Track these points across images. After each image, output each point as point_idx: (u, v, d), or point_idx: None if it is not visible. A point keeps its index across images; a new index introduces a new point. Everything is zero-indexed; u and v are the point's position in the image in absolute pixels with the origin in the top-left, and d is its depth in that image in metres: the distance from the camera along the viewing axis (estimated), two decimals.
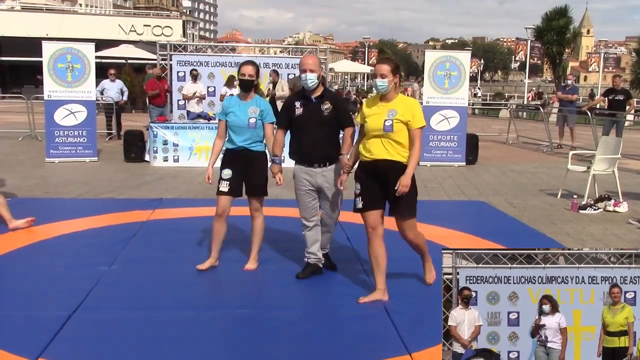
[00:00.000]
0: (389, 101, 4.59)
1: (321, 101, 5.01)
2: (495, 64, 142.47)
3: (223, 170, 5.27)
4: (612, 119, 14.17)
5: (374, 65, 4.83)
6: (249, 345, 3.97)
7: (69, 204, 8.23)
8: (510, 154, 15.15)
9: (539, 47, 37.92)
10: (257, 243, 5.45)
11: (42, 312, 4.38)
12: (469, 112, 17.33)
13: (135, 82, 24.65)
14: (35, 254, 5.83)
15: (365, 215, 4.73)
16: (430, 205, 8.53)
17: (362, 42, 52.81)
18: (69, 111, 12.05)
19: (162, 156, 11.78)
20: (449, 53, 13.31)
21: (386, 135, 4.53)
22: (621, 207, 8.36)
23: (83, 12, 54.28)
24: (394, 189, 4.54)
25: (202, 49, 18.72)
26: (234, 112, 5.19)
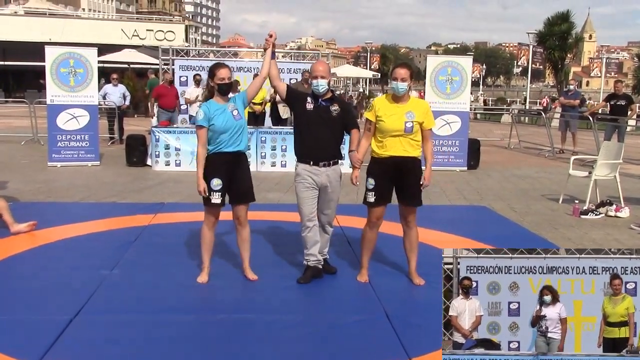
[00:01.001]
0: (404, 102, 4.96)
1: (330, 103, 5.15)
2: (498, 69, 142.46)
3: (212, 179, 5.00)
4: (613, 124, 14.17)
5: (393, 69, 5.01)
6: (248, 349, 3.98)
7: (71, 208, 8.25)
8: (512, 158, 15.15)
9: (541, 52, 37.92)
10: (249, 251, 5.34)
11: (43, 315, 4.39)
12: (471, 117, 17.35)
13: (137, 86, 24.72)
14: (37, 257, 5.85)
15: (375, 209, 5.16)
16: (432, 210, 8.54)
17: (365, 47, 52.85)
18: (72, 115, 12.09)
19: (164, 160, 11.81)
20: (451, 58, 13.32)
21: (406, 135, 4.94)
22: (623, 212, 8.35)
23: (86, 16, 54.39)
24: (409, 181, 5.08)
25: (204, 53, 18.77)
26: (217, 117, 4.96)
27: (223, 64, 5.15)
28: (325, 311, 4.66)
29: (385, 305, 4.66)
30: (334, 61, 70.20)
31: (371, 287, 5.10)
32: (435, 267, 4.94)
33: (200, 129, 4.97)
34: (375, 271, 5.47)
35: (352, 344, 4.05)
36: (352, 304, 4.74)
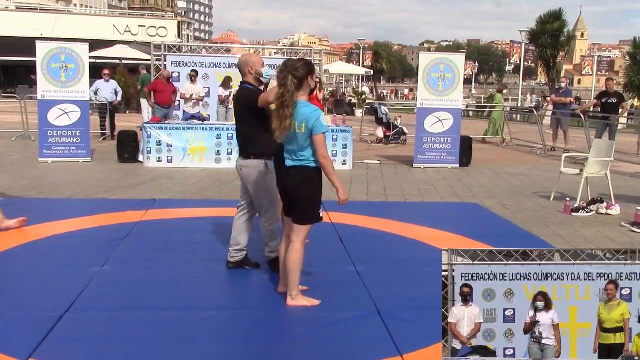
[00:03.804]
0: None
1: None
2: (490, 66, 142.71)
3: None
4: (605, 122, 14.22)
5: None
6: (240, 346, 3.97)
7: (62, 204, 8.20)
8: (504, 156, 15.19)
9: (533, 50, 37.98)
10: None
11: (33, 312, 4.37)
12: (463, 115, 17.41)
13: (129, 82, 24.60)
14: (28, 254, 5.81)
15: None
16: (424, 207, 8.56)
17: (358, 44, 52.81)
18: (63, 111, 12.01)
19: (155, 157, 11.76)
20: (443, 55, 13.31)
21: None
22: (614, 209, 8.39)
23: (78, 12, 54.12)
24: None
25: (196, 49, 18.71)
26: None
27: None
28: (317, 308, 4.65)
29: (376, 302, 4.66)
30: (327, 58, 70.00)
31: (362, 284, 5.09)
32: (428, 264, 4.96)
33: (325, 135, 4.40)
34: (366, 267, 5.47)
35: (343, 341, 4.04)
36: (343, 300, 4.73)
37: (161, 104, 14.06)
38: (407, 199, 9.27)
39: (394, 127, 17.46)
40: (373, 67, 49.27)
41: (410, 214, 7.74)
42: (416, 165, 12.52)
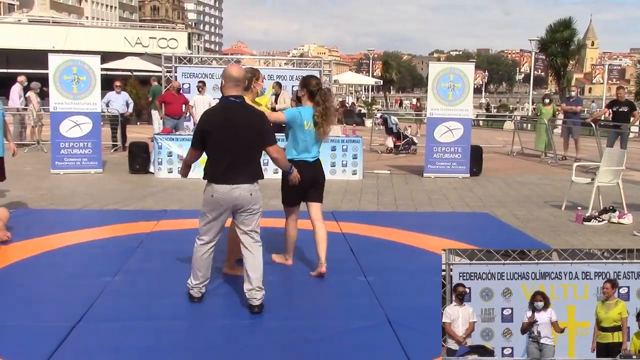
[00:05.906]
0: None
1: None
2: (500, 75, 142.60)
3: None
4: (616, 131, 14.15)
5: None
6: (250, 356, 3.98)
7: (74, 215, 8.27)
8: (515, 165, 15.14)
9: (543, 58, 37.94)
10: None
11: (46, 322, 4.40)
12: (473, 124, 17.28)
13: (140, 94, 24.77)
14: (40, 264, 5.85)
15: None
16: (434, 217, 8.55)
17: (367, 54, 52.92)
18: (75, 123, 12.11)
19: (166, 168, 11.82)
20: (453, 65, 13.31)
21: None
22: (626, 218, 8.34)
23: (89, 24, 54.62)
24: None
25: (207, 61, 18.83)
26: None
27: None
28: (327, 318, 4.65)
29: (387, 312, 4.66)
30: (337, 68, 70.35)
31: (373, 293, 5.09)
32: (438, 274, 4.94)
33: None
34: (377, 277, 5.47)
35: (354, 351, 4.04)
36: (354, 310, 4.73)
37: (171, 115, 14.14)
38: (417, 208, 9.26)
39: (404, 137, 17.48)
40: (383, 77, 49.30)
41: (420, 224, 7.72)
42: (426, 174, 12.50)
